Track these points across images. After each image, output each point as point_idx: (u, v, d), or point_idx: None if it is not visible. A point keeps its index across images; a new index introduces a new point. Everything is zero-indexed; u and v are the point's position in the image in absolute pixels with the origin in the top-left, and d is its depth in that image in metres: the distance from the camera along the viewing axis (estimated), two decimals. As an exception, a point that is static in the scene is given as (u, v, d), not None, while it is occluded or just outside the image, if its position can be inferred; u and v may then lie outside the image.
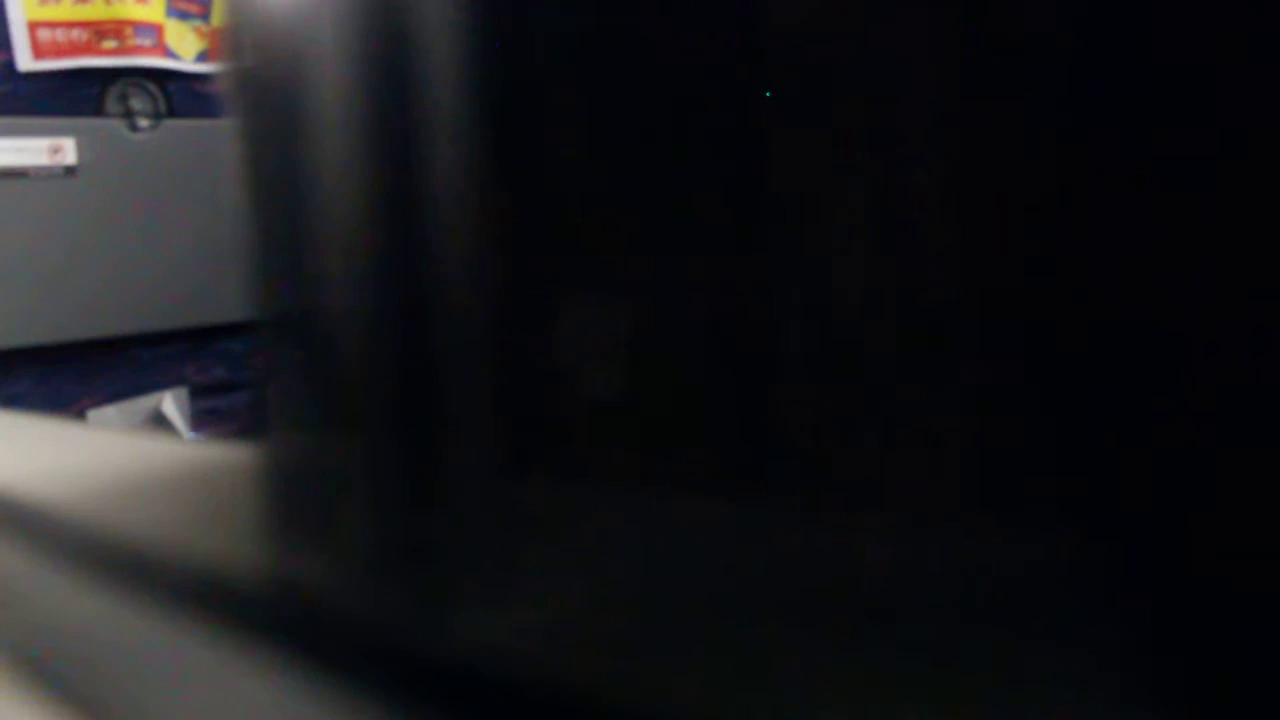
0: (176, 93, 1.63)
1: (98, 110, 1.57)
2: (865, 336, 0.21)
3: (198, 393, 1.67)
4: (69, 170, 1.49)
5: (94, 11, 1.55)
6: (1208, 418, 0.17)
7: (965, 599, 0.20)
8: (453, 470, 0.29)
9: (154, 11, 1.60)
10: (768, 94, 0.22)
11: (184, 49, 1.64)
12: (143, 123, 1.59)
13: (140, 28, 1.59)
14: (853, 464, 0.21)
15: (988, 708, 0.19)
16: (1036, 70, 0.18)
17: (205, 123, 1.62)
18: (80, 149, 1.50)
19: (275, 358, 0.35)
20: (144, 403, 1.61)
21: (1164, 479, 0.17)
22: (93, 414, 1.56)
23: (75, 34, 1.53)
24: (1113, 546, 0.18)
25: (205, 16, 1.65)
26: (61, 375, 1.54)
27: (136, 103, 1.59)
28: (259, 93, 0.34)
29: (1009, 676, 0.19)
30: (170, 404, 1.62)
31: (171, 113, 1.62)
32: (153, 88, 1.61)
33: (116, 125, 1.56)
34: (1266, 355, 0.16)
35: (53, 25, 1.52)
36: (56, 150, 1.49)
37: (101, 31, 1.55)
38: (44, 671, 0.42)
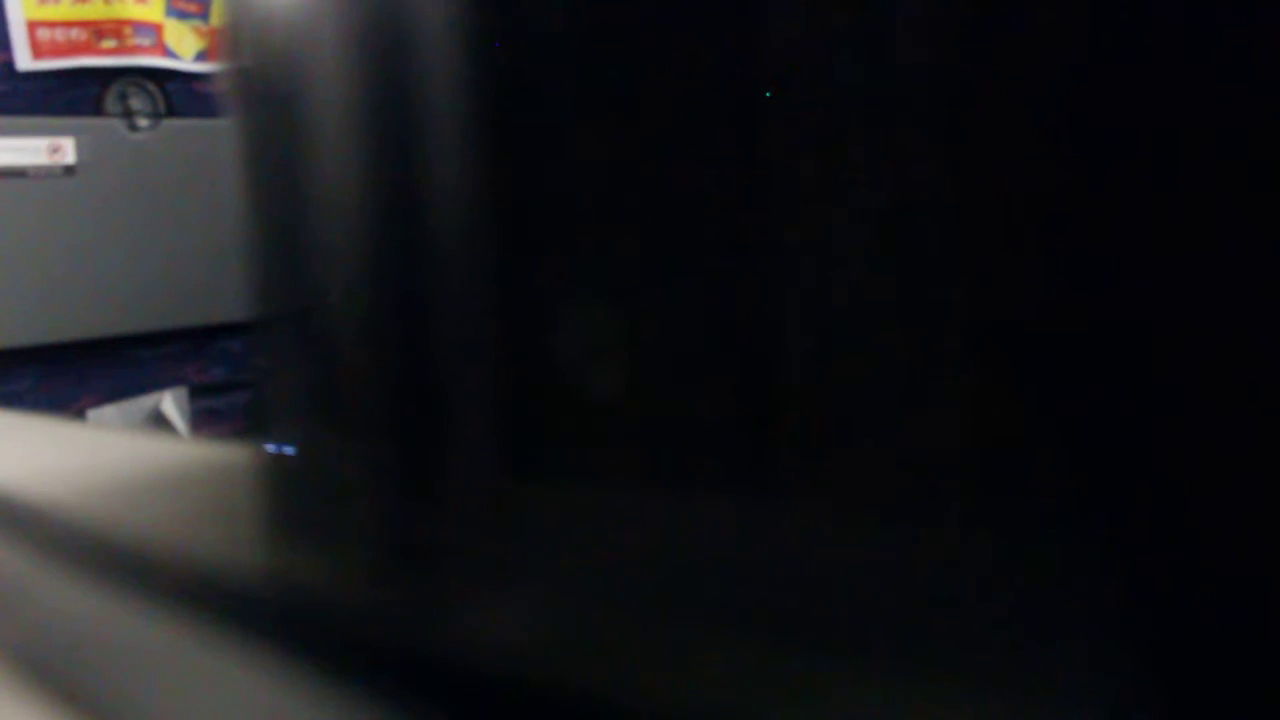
0: (176, 92, 1.63)
1: (97, 110, 1.57)
2: (865, 338, 0.21)
3: (197, 393, 1.67)
4: (68, 170, 1.49)
5: (93, 11, 1.55)
6: (1206, 418, 0.17)
7: (964, 599, 0.20)
8: (452, 470, 0.29)
9: (153, 11, 1.60)
10: (768, 94, 0.22)
11: (183, 48, 1.64)
12: (142, 122, 1.59)
13: (139, 27, 1.59)
14: (852, 465, 0.21)
15: (987, 708, 0.19)
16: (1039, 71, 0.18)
17: (205, 123, 1.62)
18: (79, 149, 1.50)
19: (275, 358, 0.35)
20: (144, 403, 1.61)
21: (1163, 479, 0.17)
22: (93, 414, 1.56)
23: (74, 33, 1.53)
24: (1112, 547, 0.18)
25: (205, 16, 1.65)
26: (61, 375, 1.54)
27: (136, 102, 1.59)
28: (258, 93, 0.34)
29: (1007, 676, 0.19)
30: (170, 404, 1.62)
31: (171, 112, 1.62)
32: (152, 87, 1.61)
33: (116, 125, 1.56)
34: (1264, 356, 0.16)
35: (52, 25, 1.52)
36: (56, 150, 1.48)
37: (101, 31, 1.55)
38: (44, 671, 0.42)
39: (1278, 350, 0.16)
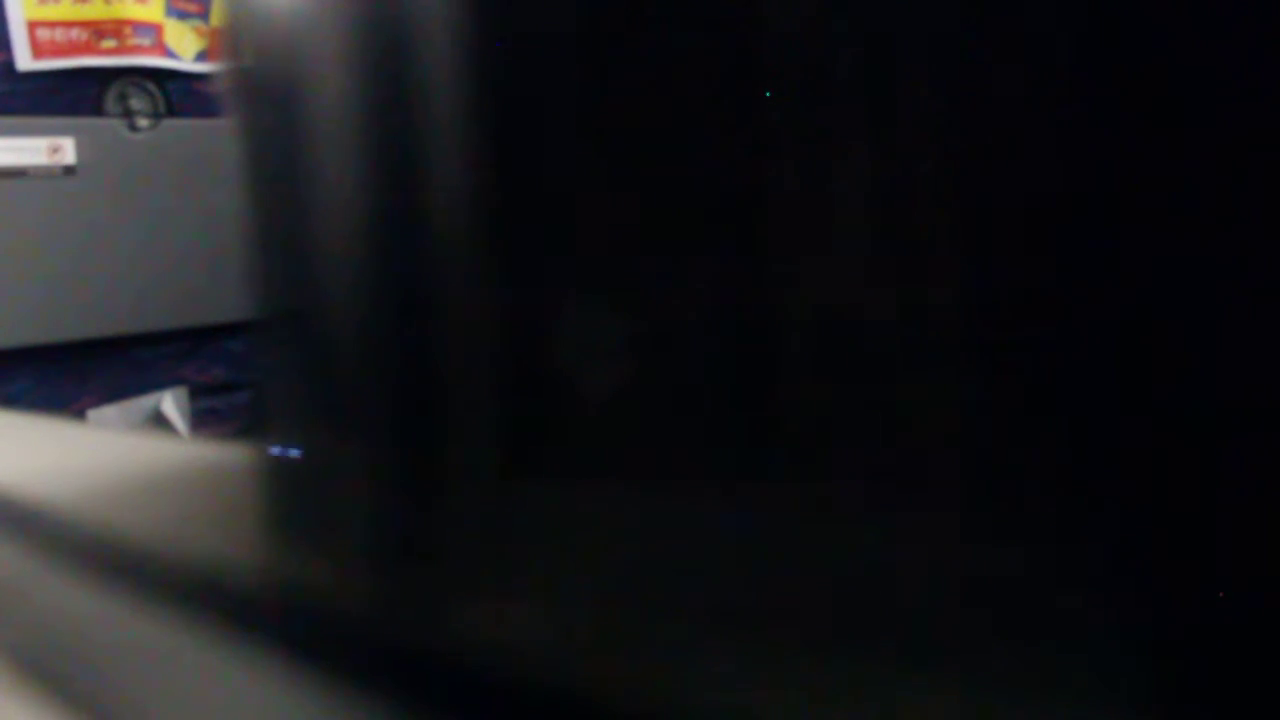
0: (176, 92, 1.63)
1: (97, 110, 1.56)
2: (865, 338, 0.21)
3: (197, 393, 1.67)
4: (68, 170, 1.49)
5: (93, 11, 1.55)
6: (1206, 419, 0.17)
7: (963, 599, 0.20)
8: (452, 470, 0.29)
9: (153, 11, 1.60)
10: (768, 94, 0.22)
11: (183, 48, 1.64)
12: (142, 122, 1.59)
13: (139, 27, 1.59)
14: (852, 465, 0.21)
15: (985, 708, 0.19)
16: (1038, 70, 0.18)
17: (205, 122, 1.62)
18: (79, 149, 1.50)
19: (275, 358, 0.35)
20: (144, 403, 1.61)
21: (1163, 480, 0.17)
22: (93, 414, 1.56)
23: (74, 33, 1.53)
24: (1111, 547, 0.18)
25: (204, 16, 1.65)
26: (61, 375, 1.53)
27: (136, 102, 1.59)
28: (258, 93, 0.34)
29: (1007, 677, 0.19)
30: (170, 404, 1.62)
31: (171, 112, 1.62)
32: (152, 87, 1.61)
33: (116, 125, 1.56)
34: (1264, 356, 0.16)
35: (52, 25, 1.51)
36: (56, 150, 1.48)
37: (101, 31, 1.55)
38: (44, 671, 0.42)
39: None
